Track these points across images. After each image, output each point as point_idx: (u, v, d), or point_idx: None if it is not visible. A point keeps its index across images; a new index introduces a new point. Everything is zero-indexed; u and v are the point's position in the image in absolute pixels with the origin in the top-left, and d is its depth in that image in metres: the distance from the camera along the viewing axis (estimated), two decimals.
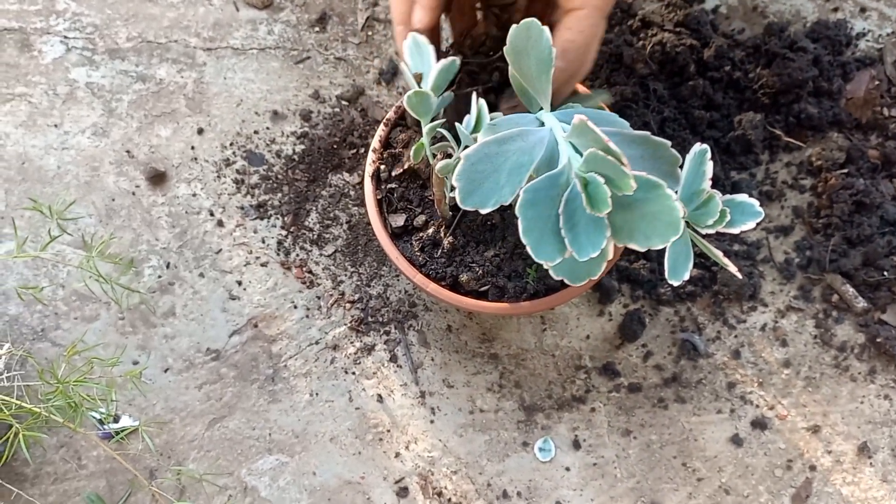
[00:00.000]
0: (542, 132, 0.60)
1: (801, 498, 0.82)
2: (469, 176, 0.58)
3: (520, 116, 0.63)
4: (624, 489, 0.82)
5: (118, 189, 0.89)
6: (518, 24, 0.60)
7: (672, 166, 0.60)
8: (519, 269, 0.73)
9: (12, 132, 0.90)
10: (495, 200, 0.59)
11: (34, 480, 0.80)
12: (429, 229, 0.75)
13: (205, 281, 0.87)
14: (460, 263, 0.74)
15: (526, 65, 0.61)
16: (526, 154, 0.59)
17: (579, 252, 0.57)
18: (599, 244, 0.57)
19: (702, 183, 0.59)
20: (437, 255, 0.74)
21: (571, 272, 0.62)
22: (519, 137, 0.59)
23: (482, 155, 0.58)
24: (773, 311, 0.87)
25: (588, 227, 0.57)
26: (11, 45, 0.93)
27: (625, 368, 0.85)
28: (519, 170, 0.59)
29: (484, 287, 0.73)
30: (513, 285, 0.73)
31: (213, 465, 0.82)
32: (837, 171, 0.88)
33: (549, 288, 0.73)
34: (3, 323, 0.84)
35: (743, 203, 0.61)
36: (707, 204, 0.59)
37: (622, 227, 0.57)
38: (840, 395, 0.85)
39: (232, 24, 0.96)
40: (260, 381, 0.84)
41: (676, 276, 0.60)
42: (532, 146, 0.59)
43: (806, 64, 0.89)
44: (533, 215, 0.57)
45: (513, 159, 0.59)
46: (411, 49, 0.66)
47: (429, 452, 0.83)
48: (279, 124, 0.92)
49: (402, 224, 0.76)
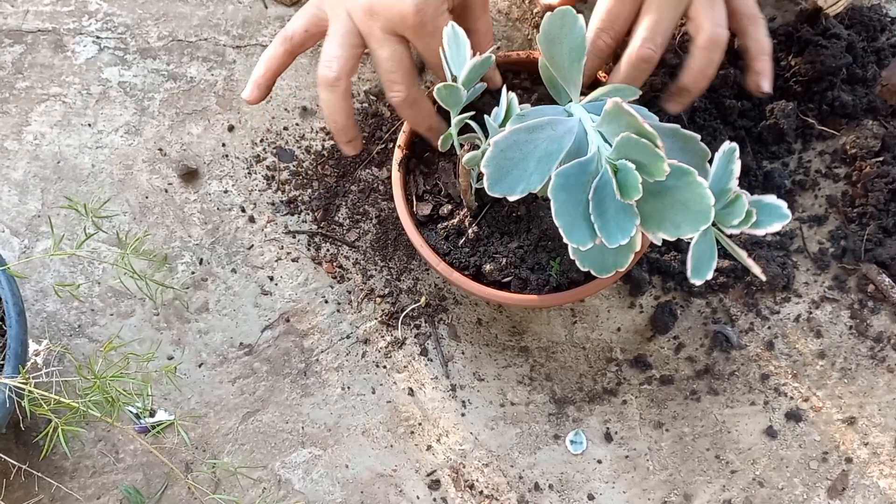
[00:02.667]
0: (571, 122, 0.60)
1: (837, 490, 0.81)
2: (498, 163, 0.58)
3: (548, 108, 0.63)
4: (656, 481, 0.82)
5: (151, 187, 0.90)
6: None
7: (702, 160, 0.60)
8: (542, 261, 0.73)
9: (47, 132, 0.92)
10: (523, 187, 0.58)
11: (73, 474, 0.82)
12: (454, 219, 0.76)
13: (237, 277, 0.88)
14: (484, 254, 0.74)
15: (558, 53, 0.61)
16: (555, 143, 0.59)
17: (609, 238, 0.56)
18: (629, 231, 0.56)
19: (729, 182, 0.59)
20: (461, 245, 0.75)
21: (598, 263, 0.61)
22: (549, 126, 0.59)
23: (511, 142, 0.58)
24: (807, 302, 0.86)
25: (618, 214, 0.57)
26: (45, 46, 0.95)
27: (656, 360, 0.85)
28: (548, 158, 0.59)
29: (507, 278, 0.73)
30: (536, 277, 0.73)
31: (247, 459, 0.83)
32: (872, 160, 0.87)
33: (571, 281, 0.73)
34: (42, 320, 0.86)
35: (770, 205, 0.60)
36: (734, 203, 0.58)
37: (652, 215, 0.57)
38: (876, 386, 0.84)
39: (261, 21, 0.96)
40: (292, 376, 0.85)
41: (699, 275, 0.59)
42: (562, 135, 0.59)
43: (839, 51, 0.87)
44: (565, 198, 0.57)
45: (542, 147, 0.59)
46: (449, 39, 0.66)
47: (460, 445, 0.83)
48: (308, 120, 0.93)
49: (428, 213, 0.76)
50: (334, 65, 0.71)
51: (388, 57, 0.71)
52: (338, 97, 0.73)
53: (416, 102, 0.73)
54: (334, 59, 0.72)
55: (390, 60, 0.71)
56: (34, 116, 0.93)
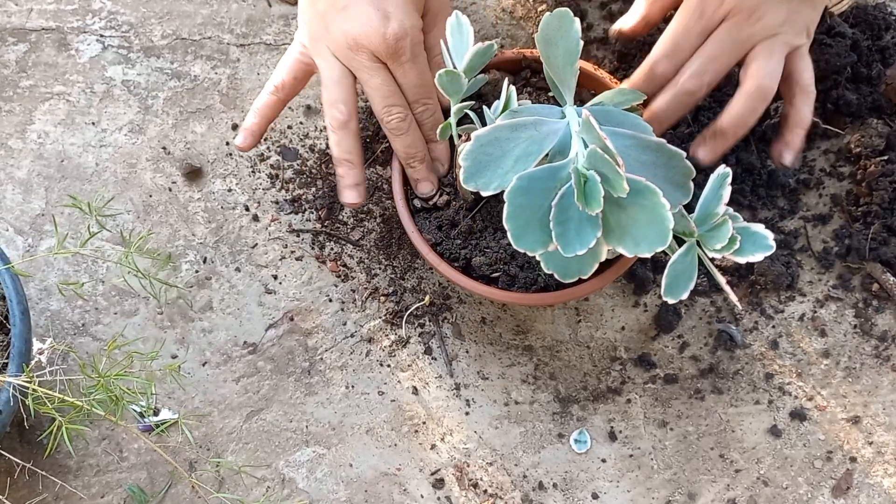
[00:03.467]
0: (557, 124, 0.60)
1: (841, 490, 0.81)
2: (476, 157, 0.58)
3: (545, 107, 0.63)
4: (660, 480, 0.82)
5: (155, 185, 0.90)
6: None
7: (685, 178, 0.60)
8: (532, 260, 0.73)
9: (51, 130, 0.92)
10: (497, 185, 0.58)
11: (77, 472, 0.82)
12: (449, 209, 0.76)
13: (241, 275, 0.88)
14: (475, 247, 0.74)
15: (554, 55, 0.61)
16: (536, 143, 0.59)
17: (565, 248, 0.56)
18: (587, 242, 0.56)
19: (717, 206, 0.59)
20: (453, 236, 0.75)
21: (562, 267, 0.61)
22: (532, 126, 0.59)
23: (493, 138, 0.58)
24: (811, 301, 0.86)
25: (581, 223, 0.56)
26: (49, 45, 0.95)
27: (661, 359, 0.85)
28: (526, 158, 0.58)
29: (495, 273, 0.74)
30: (524, 276, 0.73)
31: (251, 457, 0.83)
32: (877, 158, 0.86)
33: (559, 283, 0.73)
34: (46, 318, 0.86)
35: (756, 234, 0.60)
36: (719, 227, 0.59)
37: (614, 229, 0.56)
38: (881, 385, 0.84)
39: (264, 20, 0.96)
40: (296, 374, 0.85)
41: (673, 294, 0.59)
42: (544, 136, 0.59)
43: (844, 49, 0.87)
44: (522, 202, 0.57)
45: (522, 147, 0.58)
46: (452, 28, 0.66)
47: (464, 444, 0.83)
48: (312, 119, 0.93)
49: (424, 201, 0.77)
50: (342, 107, 0.75)
51: (381, 83, 0.73)
52: (351, 137, 0.76)
53: (411, 125, 0.75)
54: (340, 101, 0.75)
55: (385, 86, 0.73)
56: (38, 115, 0.93)
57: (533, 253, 0.58)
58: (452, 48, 0.66)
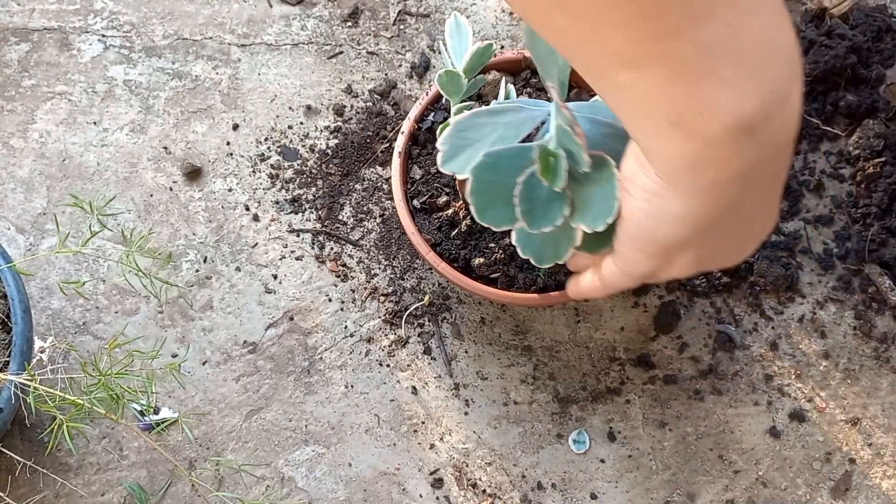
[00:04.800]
0: (536, 111, 0.60)
1: (840, 491, 0.81)
2: (454, 141, 0.58)
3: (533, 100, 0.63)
4: (659, 481, 0.82)
5: (156, 185, 0.91)
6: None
7: None
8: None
9: (53, 130, 0.92)
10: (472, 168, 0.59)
11: (77, 470, 0.82)
12: (449, 210, 0.76)
13: (241, 275, 0.88)
14: (475, 248, 0.75)
15: (538, 46, 0.61)
16: (513, 128, 0.59)
17: (530, 223, 0.56)
18: (553, 219, 0.56)
19: None
20: (453, 236, 0.75)
21: (538, 252, 0.61)
22: (511, 111, 0.59)
23: (472, 123, 0.58)
24: (811, 302, 0.86)
25: (548, 201, 0.56)
26: (51, 45, 0.95)
27: (660, 360, 0.85)
28: (502, 142, 0.58)
29: (495, 274, 0.74)
30: (524, 276, 0.73)
31: (251, 456, 0.83)
32: (876, 160, 0.87)
33: (558, 284, 0.73)
34: (47, 317, 0.86)
35: None
36: None
37: (579, 207, 0.56)
38: (880, 386, 0.84)
39: (266, 20, 0.96)
40: (296, 374, 0.85)
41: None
42: (522, 121, 0.59)
43: (844, 51, 0.87)
44: (488, 178, 0.56)
45: (500, 131, 0.59)
46: (451, 30, 0.66)
47: (463, 444, 0.83)
48: (313, 119, 0.93)
49: (424, 202, 0.77)
50: None
51: None
52: None
53: None
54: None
55: None
56: (40, 114, 0.93)
57: (498, 228, 0.58)
58: (452, 48, 0.66)
